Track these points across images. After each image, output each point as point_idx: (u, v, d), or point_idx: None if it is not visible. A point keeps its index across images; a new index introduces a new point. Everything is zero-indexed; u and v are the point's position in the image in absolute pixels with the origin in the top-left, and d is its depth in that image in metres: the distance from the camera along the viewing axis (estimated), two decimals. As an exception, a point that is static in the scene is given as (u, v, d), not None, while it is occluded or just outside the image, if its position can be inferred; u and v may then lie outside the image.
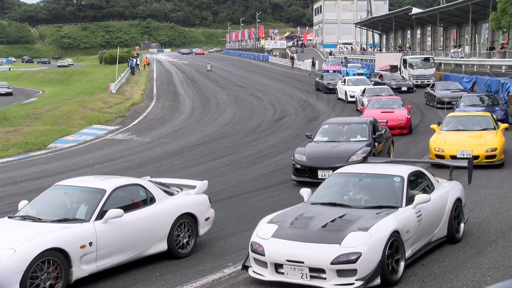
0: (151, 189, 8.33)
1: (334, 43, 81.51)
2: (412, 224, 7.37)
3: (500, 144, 14.12)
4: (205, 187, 9.30)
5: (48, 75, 74.35)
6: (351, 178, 8.35)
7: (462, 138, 14.65)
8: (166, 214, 8.24)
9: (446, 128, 15.51)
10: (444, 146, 14.36)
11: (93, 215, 7.49)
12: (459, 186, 9.00)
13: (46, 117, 27.19)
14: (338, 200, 7.94)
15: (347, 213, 7.34)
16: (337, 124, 14.99)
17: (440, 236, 8.21)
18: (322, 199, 8.06)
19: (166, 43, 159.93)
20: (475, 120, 15.73)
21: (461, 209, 8.75)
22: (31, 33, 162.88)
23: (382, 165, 8.97)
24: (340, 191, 8.18)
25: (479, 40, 41.84)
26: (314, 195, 8.23)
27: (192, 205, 8.73)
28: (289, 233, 7.01)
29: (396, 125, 19.84)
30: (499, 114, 19.62)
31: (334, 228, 6.96)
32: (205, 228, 8.97)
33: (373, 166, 8.91)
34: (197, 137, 22.45)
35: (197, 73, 55.99)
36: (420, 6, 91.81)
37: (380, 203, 7.65)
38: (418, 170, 8.50)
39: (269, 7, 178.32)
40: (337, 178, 8.53)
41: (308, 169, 12.91)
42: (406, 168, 8.31)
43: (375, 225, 6.87)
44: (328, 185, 8.40)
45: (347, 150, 13.16)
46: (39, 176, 15.47)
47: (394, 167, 8.63)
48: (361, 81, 32.27)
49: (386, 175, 8.15)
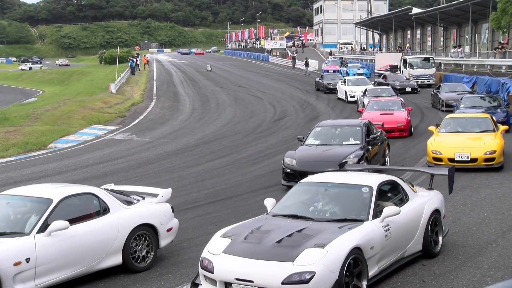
0: (105, 198, 7.72)
1: (334, 43, 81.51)
2: (378, 239, 6.80)
3: (499, 146, 13.80)
4: (169, 196, 8.62)
5: (48, 75, 74.33)
6: (317, 187, 7.79)
7: (460, 140, 14.33)
8: (121, 225, 7.65)
9: (444, 130, 15.20)
10: (442, 149, 14.03)
11: (35, 228, 6.87)
12: (438, 196, 8.43)
13: (46, 117, 27.18)
14: (301, 212, 7.35)
15: (307, 227, 6.77)
16: (329, 126, 14.58)
17: (414, 250, 7.68)
18: (285, 210, 7.48)
19: (166, 43, 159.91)
20: (474, 122, 15.40)
21: (440, 221, 8.19)
22: (31, 33, 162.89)
23: (352, 174, 8.41)
24: (306, 202, 7.61)
25: (479, 40, 41.85)
26: (277, 206, 7.65)
27: (152, 215, 8.10)
28: (241, 248, 6.49)
29: (395, 128, 19.42)
30: (500, 116, 19.24)
31: (289, 244, 6.39)
32: (167, 239, 8.35)
33: (342, 175, 8.32)
34: (197, 137, 22.45)
35: (197, 73, 55.98)
36: (420, 6, 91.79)
37: (345, 216, 7.10)
38: (391, 179, 7.95)
39: (269, 7, 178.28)
40: (302, 187, 7.95)
41: (298, 174, 12.28)
42: (377, 178, 7.80)
43: (333, 241, 6.29)
44: (293, 196, 7.81)
45: (339, 153, 12.75)
46: (39, 176, 15.48)
47: (364, 176, 8.07)
48: (361, 81, 32.19)
49: (353, 185, 7.56)
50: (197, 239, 9.44)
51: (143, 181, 14.45)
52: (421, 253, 7.79)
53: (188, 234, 9.70)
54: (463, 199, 11.25)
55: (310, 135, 14.20)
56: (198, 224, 10.31)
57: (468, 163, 13.66)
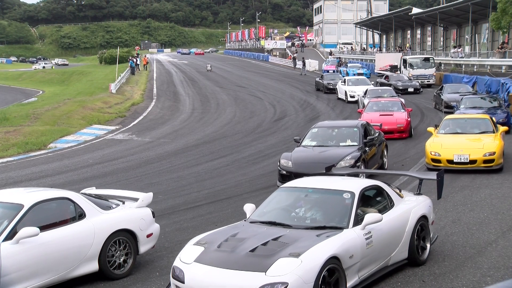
0: (81, 203, 7.41)
1: (334, 43, 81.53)
2: (359, 247, 6.49)
3: (499, 148, 13.57)
4: (150, 200, 8.30)
5: (48, 75, 74.32)
6: (298, 193, 7.44)
7: (459, 141, 14.11)
8: (98, 231, 7.35)
9: (443, 131, 14.98)
10: (441, 150, 13.80)
11: (2, 235, 6.55)
12: (426, 202, 8.08)
13: (46, 117, 27.18)
14: (280, 218, 7.04)
15: (284, 235, 6.46)
16: (326, 127, 14.38)
17: (399, 258, 7.38)
18: (264, 217, 7.16)
19: (166, 43, 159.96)
20: (473, 123, 15.18)
21: (427, 228, 7.86)
22: (31, 33, 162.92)
23: (335, 179, 8.06)
24: (286, 208, 7.28)
25: (479, 40, 41.85)
26: (256, 212, 7.34)
27: (131, 220, 7.80)
28: (213, 257, 6.21)
29: (395, 129, 19.17)
30: (501, 117, 19.03)
31: (263, 253, 6.10)
32: (147, 245, 8.05)
33: (324, 180, 7.99)
34: (197, 137, 22.45)
35: (197, 73, 55.99)
36: (420, 6, 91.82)
37: (325, 223, 6.78)
38: (375, 184, 7.62)
39: (269, 7, 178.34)
40: (283, 193, 7.61)
41: (294, 175, 11.84)
42: (360, 183, 7.49)
43: (308, 250, 5.99)
44: (273, 201, 7.49)
45: (336, 155, 12.56)
46: (39, 176, 15.47)
47: (347, 181, 7.77)
48: (361, 81, 32.11)
49: (334, 191, 7.25)
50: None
51: (143, 181, 14.46)
52: (406, 261, 7.51)
53: (188, 234, 9.68)
54: (463, 199, 11.26)
55: (306, 136, 14.05)
56: (198, 224, 10.31)
57: (467, 164, 13.47)
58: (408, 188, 10.95)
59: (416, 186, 8.76)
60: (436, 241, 8.62)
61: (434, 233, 8.28)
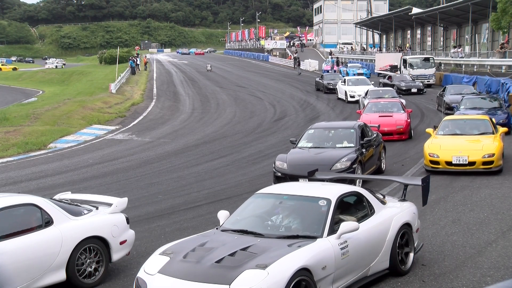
0: (48, 209, 7.04)
1: (334, 43, 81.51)
2: (333, 258, 6.17)
3: (498, 149, 13.36)
4: (124, 206, 7.98)
5: (48, 75, 74.31)
6: (273, 200, 7.11)
7: (458, 143, 13.93)
8: (65, 239, 6.98)
9: (442, 132, 14.81)
10: (439, 152, 13.60)
11: None
12: (410, 209, 7.76)
13: (46, 117, 27.18)
14: (252, 227, 6.68)
15: (254, 244, 6.13)
16: (323, 129, 14.20)
17: (380, 268, 7.04)
18: (236, 225, 6.81)
19: (166, 43, 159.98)
20: (472, 124, 14.98)
21: (410, 236, 7.53)
22: (31, 33, 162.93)
23: (312, 185, 7.79)
24: (261, 215, 6.95)
25: (479, 40, 41.86)
26: (229, 219, 6.98)
27: (102, 226, 7.46)
28: (177, 268, 5.90)
29: (394, 130, 18.91)
30: (501, 118, 18.81)
31: (229, 264, 5.79)
32: (120, 253, 7.72)
33: (301, 186, 7.81)
34: (197, 137, 22.45)
35: (197, 73, 56.00)
36: (420, 6, 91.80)
37: (298, 232, 6.44)
38: (354, 191, 7.30)
39: (269, 7, 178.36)
40: (258, 199, 7.26)
41: (289, 178, 11.95)
42: (337, 189, 7.12)
43: (276, 262, 5.67)
44: (247, 208, 7.14)
45: (331, 157, 12.37)
46: (39, 176, 15.47)
47: (324, 187, 7.47)
48: (361, 81, 32.03)
49: (310, 198, 6.90)
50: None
51: (143, 181, 14.46)
52: (388, 271, 7.18)
53: (188, 234, 9.66)
54: (463, 199, 11.26)
55: (302, 138, 13.85)
56: (198, 224, 10.30)
57: (466, 166, 13.29)
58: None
59: (411, 190, 8.65)
60: (436, 242, 8.62)
61: (420, 241, 8.01)
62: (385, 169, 14.66)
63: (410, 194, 11.17)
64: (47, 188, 13.91)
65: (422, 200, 8.10)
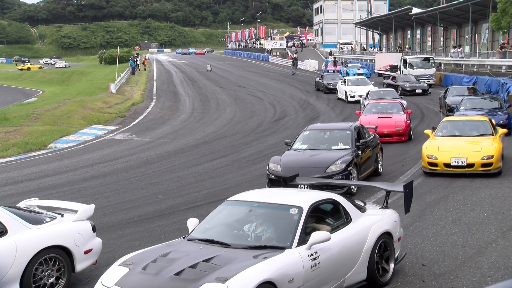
0: (2, 218, 6.59)
1: (334, 43, 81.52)
2: (301, 270, 5.82)
3: (497, 151, 13.10)
4: (90, 213, 7.57)
5: (48, 75, 74.38)
6: (243, 207, 6.73)
7: (456, 144, 13.68)
8: (21, 249, 6.47)
9: (441, 133, 14.55)
10: (437, 153, 13.34)
11: None
12: (391, 217, 7.39)
13: (46, 117, 27.19)
14: (220, 236, 6.30)
15: (218, 255, 5.80)
16: (318, 130, 13.92)
17: (356, 280, 6.66)
18: (204, 233, 6.43)
19: (166, 43, 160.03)
20: (471, 125, 14.73)
21: (391, 246, 7.14)
22: (31, 33, 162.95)
23: (285, 192, 7.41)
24: (231, 224, 6.56)
25: (479, 40, 41.86)
26: (197, 228, 6.59)
27: (65, 235, 6.97)
28: (135, 281, 5.57)
29: (393, 132, 18.57)
30: (501, 119, 18.55)
31: (188, 276, 5.46)
32: (85, 262, 7.24)
33: (273, 192, 7.44)
34: (197, 137, 22.45)
35: (197, 73, 56.00)
36: (420, 6, 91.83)
37: (266, 242, 6.09)
38: (329, 198, 6.86)
39: (269, 7, 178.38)
40: (228, 207, 6.88)
41: (283, 180, 11.88)
42: (311, 197, 6.73)
43: (238, 275, 5.32)
44: (216, 216, 6.76)
45: (326, 159, 12.17)
46: (39, 176, 15.47)
47: (297, 194, 7.11)
48: (361, 81, 31.91)
49: (281, 205, 6.51)
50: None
51: (143, 181, 14.46)
52: (365, 283, 6.81)
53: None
54: (463, 199, 11.26)
55: (297, 139, 13.59)
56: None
57: (465, 168, 13.07)
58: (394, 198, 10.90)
59: None
60: (436, 242, 8.61)
61: (402, 250, 7.74)
62: (385, 169, 14.66)
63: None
64: (47, 188, 13.92)
65: (404, 207, 7.69)
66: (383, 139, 18.00)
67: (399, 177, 13.60)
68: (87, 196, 12.84)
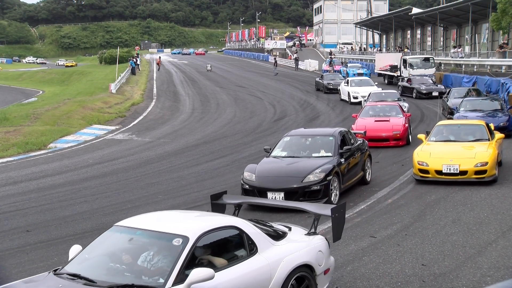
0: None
1: (334, 43, 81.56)
2: None
3: (492, 157, 12.37)
4: None
5: (48, 75, 74.35)
6: (124, 235, 5.67)
7: (449, 150, 12.97)
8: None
9: (434, 138, 13.83)
10: (429, 160, 12.61)
11: None
12: (315, 246, 6.25)
13: (46, 117, 27.18)
14: (90, 270, 5.29)
15: None
16: (299, 136, 12.94)
17: None
18: (78, 266, 5.39)
19: (166, 43, 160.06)
20: (467, 129, 13.99)
21: (311, 281, 6.03)
22: (31, 33, 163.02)
23: (180, 216, 6.34)
24: (110, 254, 5.52)
25: (479, 40, 41.87)
26: (76, 258, 5.54)
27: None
28: None
29: (391, 136, 17.85)
30: (502, 121, 18.02)
31: None
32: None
33: (167, 216, 6.16)
34: (197, 137, 22.45)
35: (197, 73, 56.00)
36: (420, 6, 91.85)
37: (138, 280, 5.04)
38: (230, 225, 5.70)
39: (269, 7, 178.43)
40: (114, 233, 5.75)
41: (257, 191, 11.04)
42: (205, 223, 5.60)
43: None
44: (100, 244, 5.70)
45: (304, 168, 11.23)
46: (39, 176, 15.47)
47: (191, 219, 5.96)
48: (365, 82, 31.08)
49: (165, 234, 5.38)
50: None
51: (143, 181, 14.46)
52: None
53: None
54: (463, 199, 11.26)
55: (277, 146, 12.69)
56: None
57: (457, 176, 12.38)
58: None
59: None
60: (436, 242, 8.61)
61: (333, 283, 6.89)
62: (385, 169, 14.66)
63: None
64: (47, 188, 13.93)
65: (332, 234, 6.56)
66: (379, 144, 17.81)
67: (399, 177, 13.59)
68: (87, 196, 12.85)
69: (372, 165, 13.97)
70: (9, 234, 9.93)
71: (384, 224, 9.77)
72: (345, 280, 7.25)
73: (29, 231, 10.08)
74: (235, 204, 7.28)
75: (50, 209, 11.82)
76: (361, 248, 8.50)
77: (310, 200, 10.48)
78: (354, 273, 7.46)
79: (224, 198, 7.45)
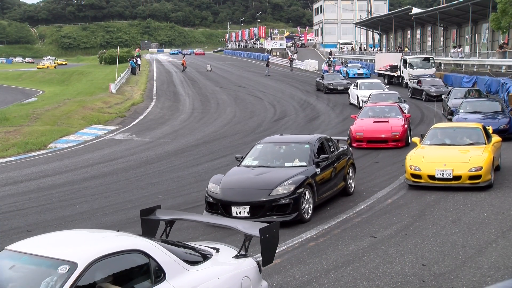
0: None
1: (334, 43, 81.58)
2: None
3: (487, 162, 11.87)
4: None
5: (48, 75, 74.36)
6: (7, 261, 4.82)
7: (443, 154, 12.48)
8: None
9: (429, 141, 13.37)
10: (421, 164, 12.13)
11: None
12: (240, 271, 5.53)
13: (46, 117, 27.18)
14: None
15: None
16: (273, 143, 11.86)
17: None
18: None
19: (166, 43, 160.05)
20: (463, 132, 13.47)
21: None
22: (31, 33, 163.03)
23: (77, 236, 5.34)
24: None
25: (479, 40, 41.86)
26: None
27: None
28: None
29: (390, 137, 17.58)
30: (502, 123, 17.68)
31: None
32: None
33: (63, 238, 5.21)
34: (197, 137, 22.45)
35: (197, 73, 55.99)
36: (420, 6, 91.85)
37: None
38: (133, 249, 4.90)
39: (269, 7, 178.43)
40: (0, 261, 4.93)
41: (221, 205, 10.07)
42: (102, 247, 4.78)
43: None
44: None
45: (273, 179, 10.17)
46: (39, 176, 15.47)
47: (89, 241, 5.10)
48: (375, 84, 29.31)
49: (50, 260, 4.60)
50: (197, 239, 9.43)
51: (143, 181, 14.46)
52: None
53: (188, 235, 9.68)
54: (463, 199, 11.26)
55: (249, 154, 11.70)
56: (198, 224, 10.28)
57: (451, 181, 11.89)
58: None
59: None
60: (436, 242, 8.61)
61: None
62: (384, 170, 14.65)
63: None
64: (47, 188, 13.93)
65: (261, 257, 5.73)
66: (378, 145, 17.72)
67: (399, 177, 13.58)
68: (87, 196, 12.85)
69: (372, 166, 13.96)
70: (9, 234, 9.93)
71: (384, 224, 9.77)
72: (345, 280, 7.26)
73: (29, 231, 10.07)
74: (165, 220, 6.56)
75: (50, 209, 11.82)
76: (361, 248, 8.51)
77: (278, 215, 9.72)
78: (354, 273, 7.46)
79: (157, 214, 6.70)
